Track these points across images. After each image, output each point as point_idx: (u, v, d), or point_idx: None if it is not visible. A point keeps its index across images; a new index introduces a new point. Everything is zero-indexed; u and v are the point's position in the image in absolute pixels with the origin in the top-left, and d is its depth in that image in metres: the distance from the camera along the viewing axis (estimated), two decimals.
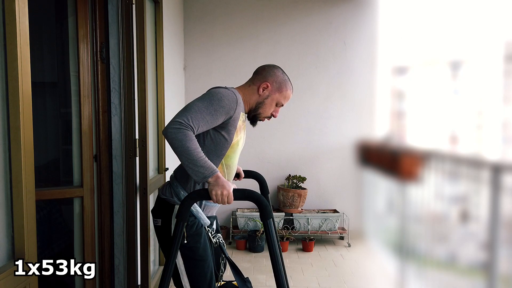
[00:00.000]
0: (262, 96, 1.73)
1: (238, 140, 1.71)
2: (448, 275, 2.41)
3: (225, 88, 1.63)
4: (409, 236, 2.76)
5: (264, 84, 1.72)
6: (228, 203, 1.54)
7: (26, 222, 1.20)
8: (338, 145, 4.24)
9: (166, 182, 1.78)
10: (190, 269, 1.62)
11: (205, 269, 1.64)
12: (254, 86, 1.74)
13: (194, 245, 1.63)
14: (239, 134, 1.70)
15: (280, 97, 1.75)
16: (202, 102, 1.55)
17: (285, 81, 1.75)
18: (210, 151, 1.64)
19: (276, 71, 1.75)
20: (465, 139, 2.32)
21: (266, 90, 1.73)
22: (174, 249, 1.57)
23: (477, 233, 2.21)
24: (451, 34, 2.39)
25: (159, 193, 1.75)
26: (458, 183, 2.32)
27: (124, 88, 2.23)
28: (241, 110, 1.68)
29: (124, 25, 2.19)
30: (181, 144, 1.46)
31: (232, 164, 1.74)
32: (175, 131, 1.46)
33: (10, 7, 1.15)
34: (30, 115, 1.22)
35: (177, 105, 3.79)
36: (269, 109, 1.76)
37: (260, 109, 1.75)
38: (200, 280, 1.62)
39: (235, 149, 1.71)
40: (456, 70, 2.38)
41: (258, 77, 1.76)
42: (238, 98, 1.63)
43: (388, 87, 3.12)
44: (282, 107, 1.84)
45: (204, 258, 1.65)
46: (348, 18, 4.19)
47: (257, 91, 1.73)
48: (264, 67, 1.78)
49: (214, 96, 1.57)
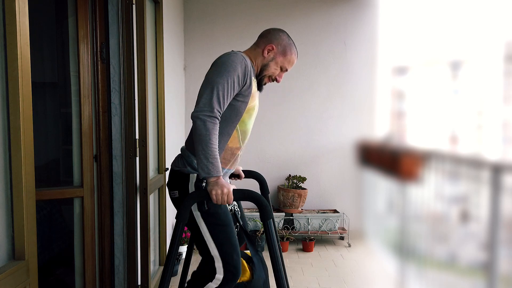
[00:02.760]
0: (266, 58, 1.75)
1: (253, 105, 1.72)
2: (448, 275, 2.41)
3: (235, 54, 1.63)
4: (409, 236, 2.76)
5: (269, 46, 1.74)
6: (228, 203, 1.54)
7: (26, 222, 1.20)
8: (338, 145, 4.24)
9: (177, 155, 1.79)
10: (216, 235, 1.63)
11: (229, 233, 1.65)
12: (259, 49, 1.76)
13: (215, 211, 1.64)
14: (254, 99, 1.71)
15: (285, 61, 1.76)
16: (222, 78, 1.57)
17: (290, 45, 1.76)
18: (225, 118, 1.66)
19: (281, 34, 1.77)
20: (465, 139, 2.32)
21: (271, 52, 1.74)
22: (174, 249, 1.58)
23: (477, 233, 2.21)
24: (451, 34, 2.39)
25: (172, 166, 1.77)
26: (458, 183, 2.33)
27: (124, 88, 2.23)
28: (253, 74, 1.70)
29: (124, 25, 2.19)
30: (206, 134, 1.51)
31: (247, 130, 1.75)
32: (205, 119, 1.52)
33: (10, 7, 1.15)
34: (30, 115, 1.22)
35: (177, 105, 3.79)
36: (273, 71, 1.77)
37: (265, 71, 1.76)
38: (226, 244, 1.63)
39: (250, 114, 1.73)
40: (456, 70, 2.38)
41: (263, 39, 1.77)
42: (247, 62, 1.65)
43: (388, 87, 3.12)
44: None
45: (227, 222, 1.66)
46: (348, 18, 4.19)
47: (262, 53, 1.75)
48: (270, 30, 1.79)
49: (230, 66, 1.59)
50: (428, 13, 2.62)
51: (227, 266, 1.61)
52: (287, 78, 4.26)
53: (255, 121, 1.80)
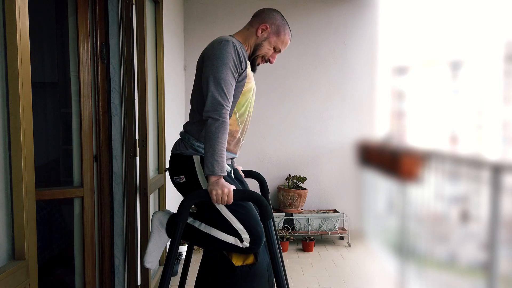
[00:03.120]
0: (260, 38, 1.75)
1: (250, 87, 1.73)
2: (448, 275, 2.41)
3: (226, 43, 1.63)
4: (409, 236, 2.76)
5: (263, 25, 1.75)
6: (228, 203, 1.54)
7: (26, 222, 1.20)
8: (338, 145, 4.24)
9: (177, 140, 1.80)
10: (237, 212, 1.64)
11: (248, 208, 1.66)
12: (253, 29, 1.77)
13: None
14: (250, 81, 1.72)
15: (278, 41, 1.77)
16: (221, 71, 1.59)
17: (283, 25, 1.78)
18: None
19: (275, 14, 1.78)
20: (465, 139, 2.32)
21: (264, 32, 1.75)
22: (174, 249, 1.58)
23: (477, 233, 2.21)
24: (451, 34, 2.39)
25: (172, 151, 1.77)
26: (458, 183, 2.33)
27: (124, 88, 2.23)
28: (246, 57, 1.71)
29: (124, 25, 2.19)
30: (216, 132, 1.54)
31: (244, 112, 1.75)
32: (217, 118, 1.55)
33: (10, 7, 1.15)
34: (30, 115, 1.22)
35: (177, 105, 3.79)
36: (266, 51, 1.77)
37: (258, 51, 1.77)
38: (249, 219, 1.64)
39: (247, 96, 1.73)
40: (456, 70, 2.38)
41: (257, 19, 1.78)
42: (240, 48, 1.66)
43: (388, 87, 3.12)
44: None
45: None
46: (348, 18, 4.19)
47: (255, 33, 1.76)
48: (264, 9, 1.81)
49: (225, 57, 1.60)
50: (428, 13, 2.62)
51: (252, 237, 1.63)
52: (287, 78, 4.26)
53: (255, 121, 1.80)
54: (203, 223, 1.70)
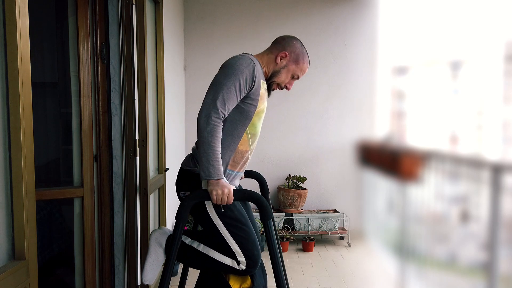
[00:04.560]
0: (279, 65, 1.75)
1: (263, 108, 1.73)
2: (448, 275, 2.41)
3: (243, 57, 1.64)
4: (409, 236, 2.76)
5: (283, 53, 1.74)
6: (228, 203, 1.54)
7: (26, 222, 1.20)
8: (338, 145, 4.24)
9: (188, 155, 1.80)
10: (235, 235, 1.65)
11: (248, 231, 1.67)
12: (272, 55, 1.76)
13: (231, 214, 1.66)
14: (263, 102, 1.72)
15: (297, 69, 1.77)
16: (229, 80, 1.58)
17: (303, 53, 1.77)
18: (235, 120, 1.66)
19: (295, 42, 1.77)
20: (465, 139, 2.32)
21: (283, 59, 1.75)
22: (174, 249, 1.58)
23: (477, 233, 2.21)
24: (451, 34, 2.39)
25: (182, 166, 1.77)
26: (458, 183, 2.32)
27: (124, 88, 2.23)
28: (261, 77, 1.70)
29: (124, 25, 2.19)
30: (208, 136, 1.52)
31: (256, 132, 1.76)
32: (209, 121, 1.53)
33: (10, 7, 1.15)
34: (30, 115, 1.22)
35: (177, 105, 3.79)
36: (284, 78, 1.77)
37: (275, 77, 1.77)
38: (248, 242, 1.65)
39: (260, 116, 1.73)
40: (456, 70, 2.38)
41: (277, 46, 1.77)
42: (256, 65, 1.65)
43: (388, 87, 3.12)
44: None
45: (243, 221, 1.68)
46: (348, 18, 4.19)
47: (274, 60, 1.75)
48: (284, 37, 1.79)
49: (237, 69, 1.59)
50: (428, 13, 2.62)
51: (249, 260, 1.65)
52: None
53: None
54: (201, 243, 1.72)
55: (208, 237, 1.73)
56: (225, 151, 1.68)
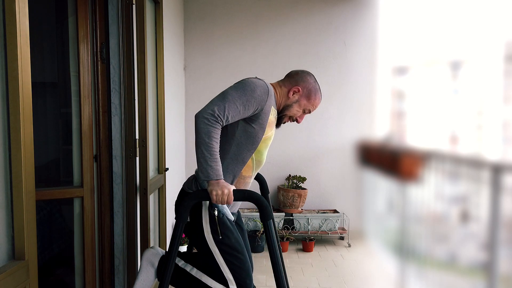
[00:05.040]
0: (291, 100, 1.75)
1: (270, 135, 1.73)
2: (448, 275, 2.41)
3: (259, 80, 1.64)
4: (409, 236, 2.76)
5: (295, 88, 1.74)
6: (228, 204, 1.54)
7: (26, 222, 1.20)
8: (338, 145, 4.24)
9: (191, 176, 1.79)
10: (230, 263, 1.65)
11: (243, 260, 1.67)
12: (285, 88, 1.76)
13: (228, 241, 1.66)
14: (271, 129, 1.72)
15: (308, 104, 1.77)
16: (236, 91, 1.58)
17: (315, 89, 1.77)
18: (241, 144, 1.66)
19: (309, 78, 1.77)
20: (465, 139, 2.32)
21: (296, 94, 1.75)
22: (174, 249, 1.58)
23: (477, 233, 2.21)
24: (451, 34, 2.39)
25: (184, 187, 1.77)
26: (458, 183, 2.33)
27: (124, 88, 2.23)
28: (273, 104, 1.69)
29: (124, 25, 2.19)
30: (205, 137, 1.51)
31: (261, 159, 1.75)
32: (206, 122, 1.52)
33: (10, 7, 1.15)
34: (30, 115, 1.22)
35: (177, 105, 3.79)
36: (295, 112, 1.78)
37: (286, 111, 1.77)
38: (239, 271, 1.66)
39: (267, 144, 1.73)
40: (456, 70, 2.38)
41: (290, 80, 1.77)
42: (270, 90, 1.65)
43: (388, 87, 3.12)
44: None
45: (240, 250, 1.68)
46: (348, 18, 4.19)
47: (287, 94, 1.75)
48: (298, 71, 1.79)
49: (248, 86, 1.59)
50: (428, 13, 2.62)
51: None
52: None
53: None
54: (195, 267, 1.72)
55: (201, 261, 1.73)
56: (228, 175, 1.68)
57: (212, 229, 1.64)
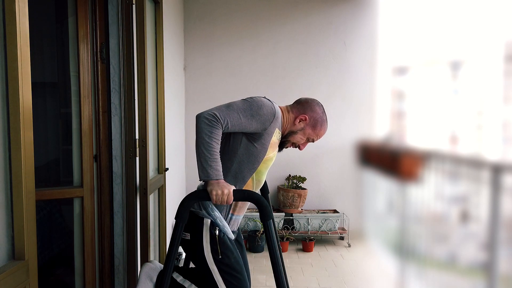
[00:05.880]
0: (296, 127, 1.75)
1: (272, 156, 1.73)
2: (448, 275, 2.41)
3: (269, 101, 1.65)
4: (409, 236, 2.76)
5: (302, 116, 1.74)
6: (228, 204, 1.54)
7: (26, 222, 1.20)
8: (338, 145, 4.24)
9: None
10: (228, 282, 1.66)
11: (241, 280, 1.68)
12: (292, 115, 1.76)
13: (228, 261, 1.66)
14: (273, 150, 1.72)
15: (313, 134, 1.78)
16: (243, 104, 1.59)
17: (322, 120, 1.78)
18: (243, 162, 1.67)
19: (317, 108, 1.77)
20: (465, 139, 2.32)
21: (302, 122, 1.75)
22: (174, 250, 1.58)
23: (477, 233, 2.21)
24: (451, 34, 2.39)
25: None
26: (458, 183, 2.32)
27: (124, 88, 2.23)
28: (278, 126, 1.69)
29: (124, 25, 2.19)
30: (205, 137, 1.51)
31: (261, 179, 1.76)
32: (207, 122, 1.51)
33: (10, 7, 1.15)
34: (30, 115, 1.22)
35: (177, 105, 3.79)
36: (299, 140, 1.79)
37: (290, 137, 1.77)
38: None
39: (267, 165, 1.74)
40: (456, 70, 2.38)
41: (299, 107, 1.77)
42: (277, 113, 1.65)
43: (388, 87, 3.12)
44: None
45: (239, 270, 1.68)
46: (348, 18, 4.19)
47: (293, 120, 1.75)
48: (308, 100, 1.79)
49: (255, 102, 1.60)
50: (428, 13, 2.62)
51: None
52: (288, 78, 4.26)
53: None
54: (193, 284, 1.73)
55: (199, 277, 1.73)
56: None
57: (212, 249, 1.64)
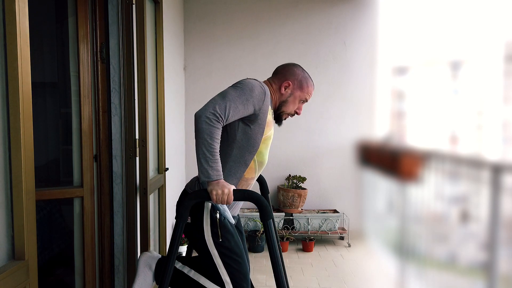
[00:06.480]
0: (284, 95, 1.76)
1: (270, 135, 1.73)
2: (448, 275, 2.41)
3: (256, 81, 1.65)
4: (409, 236, 2.76)
5: (286, 83, 1.75)
6: (228, 203, 1.54)
7: (26, 222, 1.20)
8: (338, 145, 4.24)
9: (194, 178, 1.78)
10: (228, 265, 1.66)
11: (241, 264, 1.68)
12: (276, 85, 1.76)
13: (228, 244, 1.66)
14: (270, 128, 1.72)
15: (302, 94, 1.77)
16: (235, 91, 1.58)
17: (305, 78, 1.77)
18: (243, 147, 1.66)
19: (295, 69, 1.77)
20: (465, 139, 2.32)
21: (288, 88, 1.75)
22: (174, 249, 1.58)
23: (477, 233, 2.21)
24: (451, 34, 2.39)
25: (187, 188, 1.77)
26: (458, 183, 2.33)
27: (124, 88, 2.23)
28: (270, 104, 1.70)
29: (124, 25, 2.19)
30: (207, 137, 1.51)
31: (263, 160, 1.76)
32: (207, 122, 1.51)
33: (10, 7, 1.15)
34: (30, 115, 1.22)
35: (177, 105, 3.79)
36: (292, 106, 1.78)
37: (283, 107, 1.77)
38: (237, 274, 1.67)
39: (267, 144, 1.73)
40: (456, 70, 2.38)
41: (279, 76, 1.77)
42: (266, 91, 1.66)
43: (388, 87, 3.12)
44: None
45: (239, 254, 1.68)
46: (348, 18, 4.19)
47: (279, 90, 1.75)
48: (284, 66, 1.80)
49: (246, 86, 1.60)
50: (428, 13, 2.63)
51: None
52: None
53: None
54: (192, 269, 1.73)
55: (199, 263, 1.73)
56: (231, 179, 1.68)
57: (212, 232, 1.64)
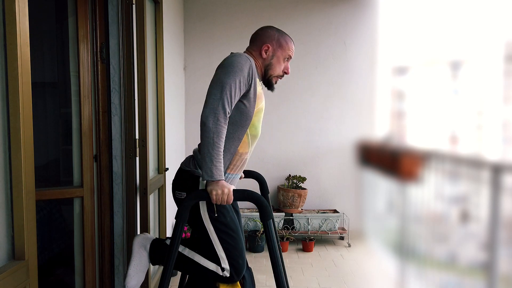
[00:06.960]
0: (267, 59, 1.76)
1: (261, 107, 1.73)
2: (448, 275, 2.41)
3: (240, 55, 1.64)
4: (409, 236, 2.76)
5: (265, 46, 1.75)
6: (227, 203, 1.54)
7: (26, 222, 1.20)
8: (338, 145, 4.24)
9: (188, 156, 1.80)
10: (224, 241, 1.66)
11: (236, 240, 1.68)
12: (256, 53, 1.77)
13: (224, 219, 1.67)
14: (261, 100, 1.72)
15: (285, 52, 1.77)
16: (229, 76, 1.58)
17: (282, 35, 1.77)
18: (236, 122, 1.66)
19: (270, 30, 1.78)
20: (465, 139, 2.32)
21: (268, 51, 1.75)
22: (174, 249, 1.58)
23: (477, 233, 2.21)
24: (451, 34, 2.39)
25: (182, 166, 1.77)
26: (458, 183, 2.32)
27: (124, 88, 2.23)
28: (257, 75, 1.70)
29: (124, 25, 2.19)
30: (214, 137, 1.52)
31: (256, 133, 1.76)
32: (216, 121, 1.52)
33: (10, 7, 1.15)
34: (30, 115, 1.22)
35: (177, 105, 3.79)
36: (278, 68, 1.78)
37: (270, 70, 1.77)
38: (233, 250, 1.67)
39: (259, 117, 1.74)
40: (456, 70, 2.38)
41: (256, 42, 1.78)
42: (252, 63, 1.66)
43: (388, 87, 3.12)
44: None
45: (235, 229, 1.69)
46: (348, 18, 4.19)
47: (260, 56, 1.76)
48: (257, 31, 1.80)
49: (236, 66, 1.60)
50: (428, 13, 2.62)
51: (232, 268, 1.67)
52: (287, 78, 4.26)
53: None
54: (187, 248, 1.73)
55: (194, 242, 1.73)
56: (225, 154, 1.68)
57: (208, 207, 1.65)
